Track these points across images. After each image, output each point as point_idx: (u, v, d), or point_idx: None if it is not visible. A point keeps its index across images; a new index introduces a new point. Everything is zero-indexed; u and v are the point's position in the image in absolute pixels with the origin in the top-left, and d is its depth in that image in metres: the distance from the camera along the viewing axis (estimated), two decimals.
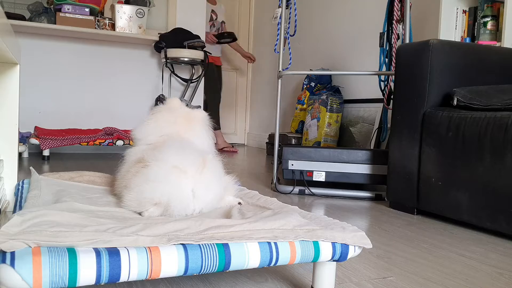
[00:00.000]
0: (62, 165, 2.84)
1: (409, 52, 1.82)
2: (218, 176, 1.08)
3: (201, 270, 0.73)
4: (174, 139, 1.15)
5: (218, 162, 1.10)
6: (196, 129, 1.23)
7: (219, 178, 1.08)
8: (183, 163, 1.01)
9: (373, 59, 3.27)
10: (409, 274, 1.11)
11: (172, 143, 1.11)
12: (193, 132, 1.21)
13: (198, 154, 1.07)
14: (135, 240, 0.71)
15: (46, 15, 3.35)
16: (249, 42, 5.20)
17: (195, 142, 1.18)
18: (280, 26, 2.50)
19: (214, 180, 1.05)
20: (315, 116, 3.47)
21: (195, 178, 1.00)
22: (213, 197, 1.04)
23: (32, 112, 3.50)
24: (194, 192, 1.00)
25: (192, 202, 0.99)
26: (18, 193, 1.13)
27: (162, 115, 1.23)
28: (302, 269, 1.09)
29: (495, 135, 1.48)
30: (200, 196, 1.00)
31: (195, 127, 1.23)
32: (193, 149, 1.10)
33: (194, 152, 1.08)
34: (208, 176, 1.02)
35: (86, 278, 0.64)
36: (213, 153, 1.18)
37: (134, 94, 3.83)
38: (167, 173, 0.99)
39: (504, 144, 1.45)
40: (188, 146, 1.11)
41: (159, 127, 1.20)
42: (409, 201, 1.82)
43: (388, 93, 2.69)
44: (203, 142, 1.21)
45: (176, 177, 0.98)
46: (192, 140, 1.18)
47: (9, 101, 1.40)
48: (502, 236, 1.53)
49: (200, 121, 1.26)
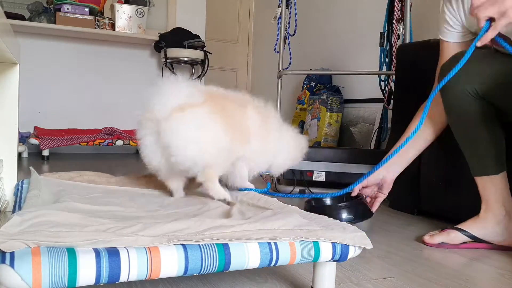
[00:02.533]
0: (62, 165, 2.84)
1: (409, 52, 1.82)
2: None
3: (201, 270, 0.73)
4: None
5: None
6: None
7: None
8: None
9: (373, 59, 3.27)
10: (409, 275, 1.11)
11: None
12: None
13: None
14: (135, 240, 0.71)
15: (46, 15, 3.35)
16: (249, 42, 5.20)
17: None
18: (280, 26, 2.49)
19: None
20: (315, 116, 3.47)
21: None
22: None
23: (32, 112, 3.49)
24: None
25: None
26: (17, 193, 1.13)
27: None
28: (302, 269, 1.09)
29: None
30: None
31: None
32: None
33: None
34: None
35: (85, 278, 0.64)
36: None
37: (134, 94, 3.83)
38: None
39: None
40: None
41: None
42: (410, 201, 1.81)
43: (388, 93, 2.69)
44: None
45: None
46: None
47: (9, 101, 1.39)
48: None
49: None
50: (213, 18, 4.90)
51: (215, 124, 1.10)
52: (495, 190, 1.35)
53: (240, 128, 1.18)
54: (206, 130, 1.09)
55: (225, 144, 1.12)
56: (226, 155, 1.15)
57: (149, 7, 3.67)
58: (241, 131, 1.18)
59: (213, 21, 4.90)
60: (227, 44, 5.08)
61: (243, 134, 1.19)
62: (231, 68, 5.11)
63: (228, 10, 4.99)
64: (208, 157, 1.10)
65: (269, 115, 1.30)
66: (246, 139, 1.20)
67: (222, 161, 1.15)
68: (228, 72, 5.07)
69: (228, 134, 1.12)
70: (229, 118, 1.15)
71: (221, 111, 1.13)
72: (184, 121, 1.07)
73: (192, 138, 1.07)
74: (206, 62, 3.69)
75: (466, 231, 1.38)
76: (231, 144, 1.14)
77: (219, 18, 5.02)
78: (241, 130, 1.18)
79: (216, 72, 4.98)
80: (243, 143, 1.19)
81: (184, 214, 0.98)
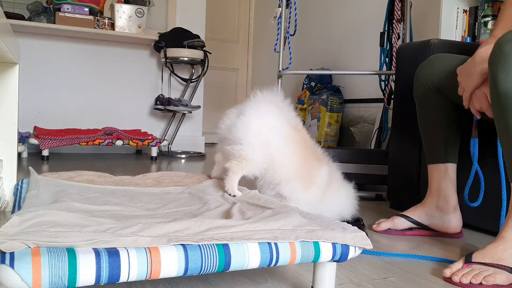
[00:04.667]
0: (61, 165, 2.84)
1: (409, 52, 1.81)
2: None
3: (201, 270, 0.72)
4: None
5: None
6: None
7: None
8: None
9: (374, 58, 3.27)
10: (409, 275, 1.11)
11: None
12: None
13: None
14: (135, 241, 0.71)
15: (46, 15, 3.35)
16: (249, 42, 5.20)
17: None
18: (280, 26, 2.49)
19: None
20: (315, 116, 3.47)
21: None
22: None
23: (32, 112, 3.49)
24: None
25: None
26: (17, 193, 1.13)
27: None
28: (302, 269, 1.09)
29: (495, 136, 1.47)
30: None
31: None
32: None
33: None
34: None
35: (85, 278, 0.64)
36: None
37: (134, 93, 3.83)
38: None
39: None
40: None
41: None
42: (410, 201, 1.81)
43: (388, 93, 2.69)
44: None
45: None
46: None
47: (9, 101, 1.39)
48: None
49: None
50: (213, 18, 4.90)
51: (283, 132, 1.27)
52: (439, 178, 1.44)
53: (310, 169, 1.29)
54: (271, 125, 1.24)
55: (280, 153, 1.24)
56: (267, 161, 1.23)
57: (149, 7, 3.67)
58: (308, 174, 1.29)
59: (213, 21, 4.91)
60: (227, 44, 5.08)
61: (307, 177, 1.29)
62: (231, 68, 5.11)
63: (228, 10, 4.99)
64: (250, 143, 1.20)
65: (336, 171, 1.39)
66: (310, 183, 1.29)
67: (260, 162, 1.23)
68: (228, 72, 5.07)
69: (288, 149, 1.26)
70: (306, 152, 1.30)
71: (301, 143, 1.29)
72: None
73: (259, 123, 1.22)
74: (206, 62, 3.69)
75: (409, 217, 1.48)
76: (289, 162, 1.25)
77: (219, 18, 5.02)
78: (308, 173, 1.29)
79: (216, 72, 4.99)
80: (305, 185, 1.28)
81: (184, 214, 0.98)
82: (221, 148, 1.31)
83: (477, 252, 1.09)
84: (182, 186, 1.31)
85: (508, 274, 1.03)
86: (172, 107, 3.56)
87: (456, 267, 1.08)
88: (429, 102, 1.45)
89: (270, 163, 1.24)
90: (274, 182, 1.27)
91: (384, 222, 1.49)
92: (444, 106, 1.43)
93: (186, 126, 3.98)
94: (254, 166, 1.23)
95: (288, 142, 1.26)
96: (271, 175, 1.26)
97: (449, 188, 1.44)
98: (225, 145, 1.25)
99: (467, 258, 1.09)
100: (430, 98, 1.44)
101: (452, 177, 1.44)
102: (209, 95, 4.75)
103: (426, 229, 1.49)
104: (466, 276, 1.03)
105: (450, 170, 1.44)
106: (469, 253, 1.10)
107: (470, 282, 1.02)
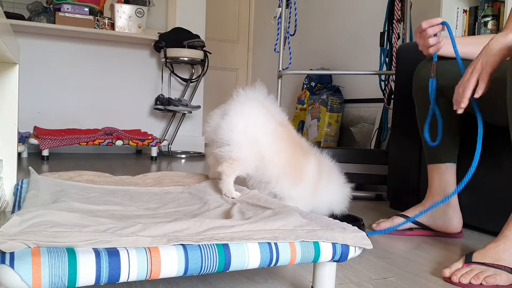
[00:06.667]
0: (61, 165, 2.84)
1: (409, 52, 1.81)
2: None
3: (201, 270, 0.72)
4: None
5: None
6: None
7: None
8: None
9: (374, 58, 3.27)
10: (409, 275, 1.11)
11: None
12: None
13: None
14: (135, 241, 0.71)
15: (46, 15, 3.35)
16: (249, 42, 5.20)
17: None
18: (280, 26, 2.49)
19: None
20: (315, 116, 3.47)
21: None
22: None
23: (32, 112, 3.49)
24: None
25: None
26: (17, 193, 1.13)
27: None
28: (302, 269, 1.09)
29: (494, 137, 1.47)
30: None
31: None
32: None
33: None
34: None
35: (85, 278, 0.64)
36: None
37: (134, 93, 3.83)
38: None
39: (503, 144, 1.45)
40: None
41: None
42: (410, 201, 1.81)
43: (388, 93, 2.69)
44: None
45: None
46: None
47: (9, 101, 1.39)
48: None
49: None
50: (213, 18, 4.90)
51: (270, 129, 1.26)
52: (439, 178, 1.44)
53: (298, 165, 1.29)
54: (259, 121, 1.24)
55: (268, 151, 1.24)
56: (258, 158, 1.23)
57: (149, 7, 3.67)
58: (296, 170, 1.29)
59: (213, 21, 4.90)
60: (227, 44, 5.08)
61: (296, 173, 1.29)
62: (231, 68, 5.11)
63: (228, 10, 4.99)
64: (237, 143, 1.20)
65: (325, 162, 1.39)
66: (299, 179, 1.29)
67: (251, 160, 1.22)
68: (228, 72, 5.07)
69: (277, 147, 1.25)
70: (294, 148, 1.29)
71: (288, 140, 1.29)
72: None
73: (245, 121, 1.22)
74: (206, 62, 3.69)
75: (409, 217, 1.47)
76: (275, 158, 1.25)
77: (219, 18, 5.02)
78: (297, 170, 1.29)
79: (216, 72, 4.98)
80: (294, 181, 1.28)
81: (184, 214, 0.98)
82: (210, 151, 1.31)
83: (477, 252, 1.09)
84: (182, 186, 1.31)
85: (508, 275, 1.03)
86: (172, 107, 3.56)
87: (456, 267, 1.07)
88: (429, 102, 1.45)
89: (261, 160, 1.23)
90: (264, 181, 1.27)
91: (384, 222, 1.50)
92: (443, 106, 1.43)
93: (186, 126, 3.98)
94: (246, 165, 1.22)
95: (275, 139, 1.25)
96: (261, 173, 1.25)
97: (449, 188, 1.44)
98: (214, 148, 1.25)
99: (467, 258, 1.09)
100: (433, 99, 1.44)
101: (452, 177, 1.44)
102: (209, 95, 4.75)
103: (426, 229, 1.49)
104: (465, 276, 1.03)
105: (450, 170, 1.44)
106: (469, 253, 1.10)
107: (470, 282, 1.02)
